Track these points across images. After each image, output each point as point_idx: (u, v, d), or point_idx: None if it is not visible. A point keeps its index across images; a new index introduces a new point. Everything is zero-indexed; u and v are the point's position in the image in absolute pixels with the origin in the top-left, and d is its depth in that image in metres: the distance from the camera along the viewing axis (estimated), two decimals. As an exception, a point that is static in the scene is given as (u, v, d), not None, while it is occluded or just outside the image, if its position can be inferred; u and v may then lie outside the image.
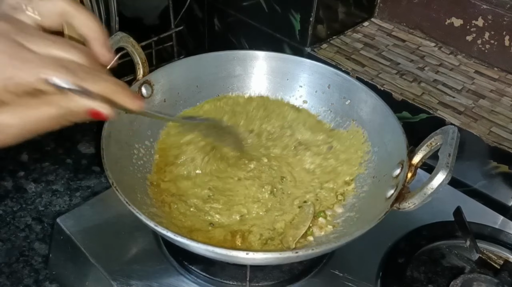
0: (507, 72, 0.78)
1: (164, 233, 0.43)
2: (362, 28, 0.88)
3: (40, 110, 0.32)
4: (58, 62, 0.32)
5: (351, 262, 0.56)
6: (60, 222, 0.58)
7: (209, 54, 0.66)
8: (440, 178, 0.43)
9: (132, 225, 0.58)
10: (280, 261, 0.49)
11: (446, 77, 0.77)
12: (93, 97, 0.33)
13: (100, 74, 0.34)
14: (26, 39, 0.32)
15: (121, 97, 0.34)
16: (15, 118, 0.32)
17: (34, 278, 0.62)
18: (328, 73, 0.65)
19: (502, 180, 0.67)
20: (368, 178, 0.58)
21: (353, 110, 0.63)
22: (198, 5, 0.94)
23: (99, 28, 0.37)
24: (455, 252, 0.58)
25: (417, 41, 0.85)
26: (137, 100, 0.36)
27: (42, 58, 0.32)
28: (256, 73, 0.68)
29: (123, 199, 0.45)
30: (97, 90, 0.33)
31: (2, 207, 0.71)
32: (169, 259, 0.55)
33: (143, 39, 0.83)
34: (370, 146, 0.60)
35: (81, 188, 0.75)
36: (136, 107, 0.36)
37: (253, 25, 0.86)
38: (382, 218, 0.45)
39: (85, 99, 0.33)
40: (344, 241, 0.44)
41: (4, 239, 0.66)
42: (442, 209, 0.60)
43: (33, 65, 0.31)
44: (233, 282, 0.53)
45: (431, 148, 0.50)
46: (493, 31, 0.76)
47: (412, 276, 0.55)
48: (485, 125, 0.68)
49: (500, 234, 0.59)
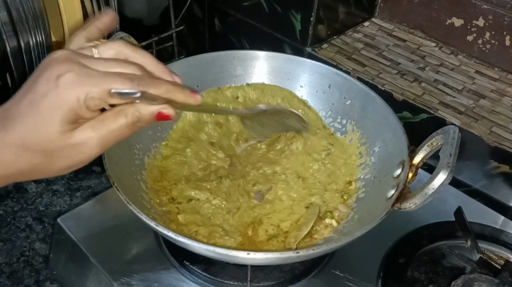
0: (507, 72, 0.78)
1: (165, 233, 0.43)
2: (362, 28, 0.88)
3: (115, 121, 0.36)
4: (120, 75, 0.35)
5: (352, 262, 0.56)
6: (61, 222, 0.58)
7: (209, 54, 0.66)
8: (441, 178, 0.43)
9: (133, 225, 0.58)
10: (281, 261, 0.49)
11: (447, 77, 0.77)
12: (157, 101, 0.36)
13: (158, 80, 0.37)
14: (89, 61, 0.35)
15: (181, 95, 0.38)
16: (95, 132, 0.35)
17: (34, 278, 0.62)
18: (328, 73, 0.65)
19: (503, 180, 0.67)
20: (369, 178, 0.58)
21: (353, 111, 0.63)
22: (198, 5, 0.94)
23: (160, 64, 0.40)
24: (455, 252, 0.58)
25: (417, 41, 0.85)
26: (196, 96, 0.39)
27: (105, 73, 0.35)
28: (257, 73, 0.68)
29: (124, 198, 0.45)
30: (159, 93, 0.36)
31: (2, 207, 0.71)
32: (170, 259, 0.55)
33: (144, 39, 0.83)
34: (370, 147, 0.60)
35: (82, 188, 0.75)
36: (195, 102, 0.39)
37: (253, 25, 0.86)
38: (383, 218, 0.45)
39: (151, 104, 0.36)
40: (345, 241, 0.44)
41: (5, 239, 0.66)
42: (443, 209, 0.60)
43: (98, 79, 0.34)
44: (233, 282, 0.53)
45: (432, 148, 0.50)
46: (493, 31, 0.76)
47: (412, 276, 0.55)
48: (485, 125, 0.68)
49: (501, 234, 0.59)
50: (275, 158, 0.61)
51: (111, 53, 0.38)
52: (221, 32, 0.93)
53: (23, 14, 0.58)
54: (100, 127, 0.36)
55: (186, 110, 0.41)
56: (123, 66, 0.36)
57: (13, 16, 0.57)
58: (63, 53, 0.36)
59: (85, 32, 0.39)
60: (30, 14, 0.58)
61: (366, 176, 0.59)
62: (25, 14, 0.58)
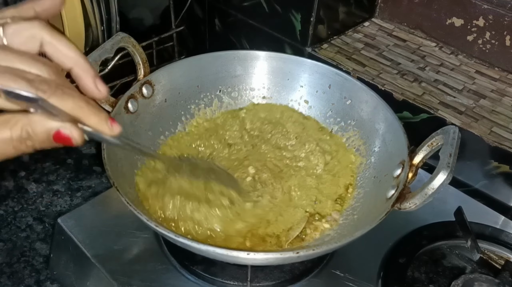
0: (508, 72, 0.78)
1: (165, 234, 0.43)
2: (362, 28, 0.88)
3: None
4: (18, 73, 0.27)
5: (352, 262, 0.56)
6: (61, 222, 0.59)
7: (209, 54, 0.66)
8: (441, 178, 0.43)
9: (133, 225, 0.58)
10: (281, 261, 0.49)
11: (447, 77, 0.77)
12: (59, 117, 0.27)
13: (70, 91, 0.29)
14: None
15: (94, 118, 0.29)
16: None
17: (35, 278, 0.62)
18: (328, 73, 0.65)
19: (503, 180, 0.67)
20: (369, 178, 0.58)
21: (354, 110, 0.63)
22: (198, 5, 0.94)
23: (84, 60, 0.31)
24: (456, 252, 0.58)
25: (417, 41, 0.85)
26: (114, 125, 0.30)
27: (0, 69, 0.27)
28: (257, 73, 0.68)
29: (124, 199, 0.45)
30: (63, 107, 0.28)
31: (3, 207, 0.71)
32: (170, 259, 0.55)
33: (144, 39, 0.83)
34: (370, 147, 0.60)
35: (82, 188, 0.75)
36: (112, 133, 0.30)
37: (253, 25, 0.86)
38: (383, 218, 0.45)
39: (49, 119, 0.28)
40: (345, 241, 0.44)
41: (5, 239, 0.67)
42: (443, 209, 0.60)
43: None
44: (234, 282, 0.53)
45: (432, 148, 0.50)
46: (494, 31, 0.76)
47: (413, 276, 0.55)
48: (486, 125, 0.67)
49: (501, 234, 0.59)
50: None
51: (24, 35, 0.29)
52: (222, 32, 0.93)
53: (23, 15, 0.58)
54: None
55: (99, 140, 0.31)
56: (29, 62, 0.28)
57: (13, 17, 0.57)
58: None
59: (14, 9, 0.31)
60: (30, 14, 0.58)
61: (366, 176, 0.59)
62: (25, 14, 0.58)
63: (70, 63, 0.30)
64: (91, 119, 0.29)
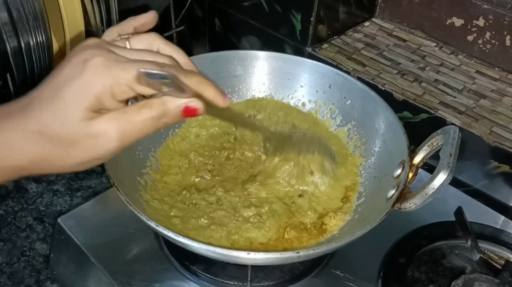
0: (508, 72, 0.78)
1: (165, 233, 0.43)
2: (363, 28, 0.88)
3: (139, 113, 0.34)
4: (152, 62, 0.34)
5: (352, 262, 0.56)
6: (61, 222, 0.59)
7: (210, 54, 0.66)
8: (441, 178, 0.43)
9: (133, 225, 0.58)
10: (281, 261, 0.49)
11: (447, 77, 0.77)
12: (185, 93, 0.34)
13: (190, 70, 0.36)
14: (119, 50, 0.34)
15: (211, 91, 0.35)
16: (116, 123, 0.33)
17: (35, 278, 0.62)
18: (329, 73, 0.65)
19: (503, 180, 0.67)
20: (369, 178, 0.58)
21: (354, 110, 0.63)
22: (198, 5, 0.94)
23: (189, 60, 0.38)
24: (456, 252, 0.58)
25: (418, 41, 0.85)
26: (226, 97, 0.37)
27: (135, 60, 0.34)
28: (257, 73, 0.68)
29: (124, 199, 0.45)
30: (189, 83, 0.34)
31: (3, 207, 0.71)
32: (170, 259, 0.55)
33: (144, 39, 0.83)
34: (370, 147, 0.60)
35: (82, 188, 0.75)
36: (223, 104, 0.37)
37: (253, 25, 0.86)
38: (383, 218, 0.45)
39: (179, 97, 0.34)
40: (345, 241, 0.44)
41: (5, 239, 0.66)
42: (443, 209, 0.60)
43: (127, 64, 0.33)
44: (234, 282, 0.53)
45: (432, 147, 0.50)
46: (494, 31, 0.76)
47: (413, 276, 0.55)
48: (486, 125, 0.67)
49: (501, 234, 0.59)
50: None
51: (143, 44, 0.37)
52: (222, 32, 0.93)
53: (24, 14, 0.58)
54: (122, 118, 0.33)
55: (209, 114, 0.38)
56: (154, 56, 0.35)
57: (13, 16, 0.57)
58: (94, 40, 0.34)
59: (118, 27, 0.38)
60: (31, 14, 0.58)
61: (366, 176, 0.59)
62: (25, 14, 0.58)
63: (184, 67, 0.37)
64: (210, 92, 0.35)
